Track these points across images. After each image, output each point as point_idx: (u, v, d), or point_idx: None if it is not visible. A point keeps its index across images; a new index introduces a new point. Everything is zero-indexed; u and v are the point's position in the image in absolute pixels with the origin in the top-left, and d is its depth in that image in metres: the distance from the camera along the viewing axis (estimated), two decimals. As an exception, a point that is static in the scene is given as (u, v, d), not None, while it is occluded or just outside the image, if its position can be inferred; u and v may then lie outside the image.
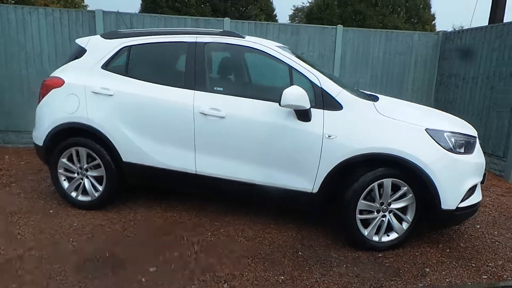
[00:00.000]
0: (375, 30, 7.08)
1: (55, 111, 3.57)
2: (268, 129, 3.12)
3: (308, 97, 2.93)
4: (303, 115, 3.02)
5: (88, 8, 19.17)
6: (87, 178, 3.65)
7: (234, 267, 2.81)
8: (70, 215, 3.57)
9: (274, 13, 17.91)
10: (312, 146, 3.03)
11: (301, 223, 3.58)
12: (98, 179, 3.63)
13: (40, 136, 3.64)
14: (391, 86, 6.94)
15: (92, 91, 3.49)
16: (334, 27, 6.74)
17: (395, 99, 3.92)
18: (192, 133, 3.29)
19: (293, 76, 3.23)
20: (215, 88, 3.37)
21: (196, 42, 3.41)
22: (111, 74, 3.52)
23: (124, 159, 3.48)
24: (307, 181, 3.10)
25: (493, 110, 5.66)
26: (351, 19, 15.29)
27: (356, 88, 3.90)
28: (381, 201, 3.04)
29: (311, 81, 3.12)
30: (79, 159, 3.61)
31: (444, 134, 2.98)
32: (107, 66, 3.55)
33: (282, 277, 2.72)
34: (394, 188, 3.02)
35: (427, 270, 2.89)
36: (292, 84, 3.08)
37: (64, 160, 3.63)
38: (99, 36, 3.77)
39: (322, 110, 3.05)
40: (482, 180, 3.25)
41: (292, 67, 3.21)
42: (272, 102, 3.10)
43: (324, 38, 6.68)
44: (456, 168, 2.97)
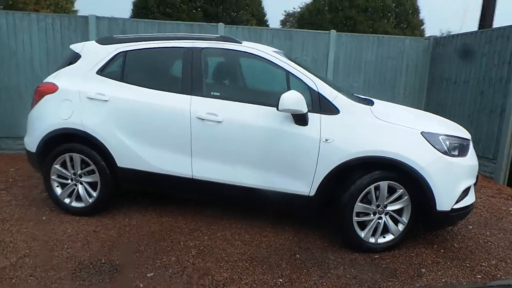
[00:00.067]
0: (368, 35, 7.17)
1: (49, 117, 3.53)
2: (266, 133, 3.13)
3: (305, 101, 2.96)
4: (301, 120, 3.04)
5: (78, 13, 19.01)
6: (81, 184, 3.61)
7: (233, 271, 2.80)
8: (64, 221, 3.53)
9: (266, 18, 17.99)
10: (309, 150, 3.05)
11: (297, 226, 3.59)
12: (92, 185, 3.59)
13: (33, 142, 3.60)
14: (384, 90, 7.03)
15: (87, 96, 3.46)
16: (327, 32, 6.81)
17: (390, 103, 3.97)
18: (188, 138, 3.28)
19: (290, 81, 3.25)
20: (212, 93, 3.37)
21: (193, 48, 3.42)
22: (107, 80, 3.50)
23: (119, 164, 3.46)
24: (304, 184, 3.11)
25: (483, 113, 5.76)
26: (342, 24, 15.42)
27: (351, 93, 3.94)
28: (377, 203, 3.07)
29: (308, 85, 3.15)
30: (72, 165, 3.57)
31: (439, 137, 3.02)
32: (102, 72, 3.54)
33: (280, 280, 2.72)
34: (390, 190, 3.05)
35: (423, 270, 2.92)
36: (289, 89, 3.10)
37: (57, 166, 3.58)
38: (94, 41, 3.75)
39: (319, 114, 3.07)
40: (475, 181, 3.30)
41: (289, 72, 3.23)
42: (269, 107, 3.12)
43: (317, 42, 6.74)
44: (451, 170, 3.01)
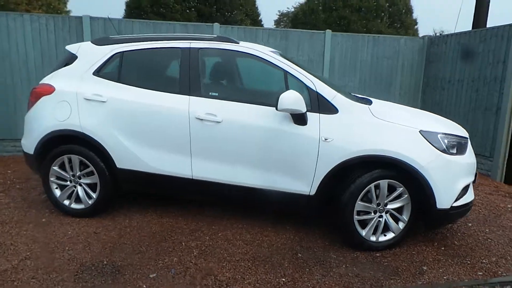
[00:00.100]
0: (363, 34, 7.20)
1: (46, 118, 3.51)
2: (265, 133, 3.13)
3: (304, 101, 2.97)
4: (300, 119, 3.05)
5: (71, 14, 18.88)
6: (80, 185, 3.59)
7: (235, 271, 2.81)
8: (64, 223, 3.50)
9: (260, 18, 18.00)
10: (309, 149, 3.06)
11: (298, 225, 3.60)
12: (92, 186, 3.58)
13: (30, 144, 3.57)
14: (379, 89, 7.06)
15: (84, 97, 3.44)
16: (323, 31, 6.83)
17: (387, 102, 3.99)
18: (188, 138, 3.28)
19: (288, 80, 3.26)
20: (210, 93, 3.36)
21: (190, 48, 3.41)
22: (103, 81, 3.48)
23: (118, 165, 3.44)
24: (304, 184, 3.13)
25: (478, 111, 5.82)
26: (336, 24, 15.50)
27: (349, 92, 3.96)
28: (377, 202, 3.09)
29: (306, 85, 3.16)
30: (71, 166, 3.55)
31: (438, 135, 3.05)
32: (99, 73, 3.52)
33: (283, 279, 2.73)
34: (390, 189, 3.07)
35: (424, 268, 2.95)
36: (287, 89, 3.11)
37: (56, 168, 3.56)
38: (90, 42, 3.73)
39: (318, 114, 3.09)
40: (474, 179, 3.34)
41: (288, 71, 3.24)
42: (268, 107, 3.13)
43: (313, 42, 6.76)
44: (450, 168, 3.04)
